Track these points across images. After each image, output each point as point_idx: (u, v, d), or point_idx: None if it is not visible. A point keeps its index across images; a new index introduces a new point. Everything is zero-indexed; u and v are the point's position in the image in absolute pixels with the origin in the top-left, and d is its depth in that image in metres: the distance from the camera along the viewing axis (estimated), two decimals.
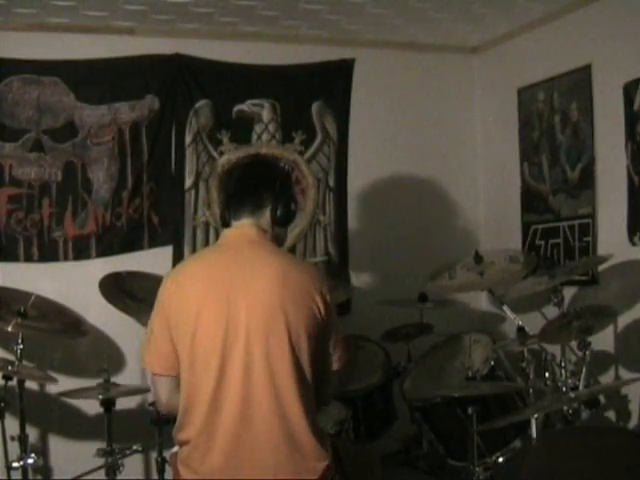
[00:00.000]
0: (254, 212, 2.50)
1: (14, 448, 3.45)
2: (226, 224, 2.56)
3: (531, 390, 3.58)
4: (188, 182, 4.30)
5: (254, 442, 2.33)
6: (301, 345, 2.38)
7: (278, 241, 2.56)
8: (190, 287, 2.40)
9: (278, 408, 2.35)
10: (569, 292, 4.04)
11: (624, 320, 3.83)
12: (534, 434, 3.22)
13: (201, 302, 2.36)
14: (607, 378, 3.92)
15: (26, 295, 3.65)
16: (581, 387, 3.49)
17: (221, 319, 2.34)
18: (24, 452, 3.45)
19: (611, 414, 3.87)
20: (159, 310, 2.43)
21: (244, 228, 2.49)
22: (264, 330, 2.35)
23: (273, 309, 2.36)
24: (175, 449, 2.52)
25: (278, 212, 2.52)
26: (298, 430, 2.36)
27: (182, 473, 2.40)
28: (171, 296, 2.41)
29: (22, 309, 3.49)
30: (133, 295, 3.70)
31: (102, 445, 3.57)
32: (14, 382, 3.45)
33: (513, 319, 3.80)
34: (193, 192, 4.29)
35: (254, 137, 4.41)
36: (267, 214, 2.51)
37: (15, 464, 3.41)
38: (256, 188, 2.52)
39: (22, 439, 3.47)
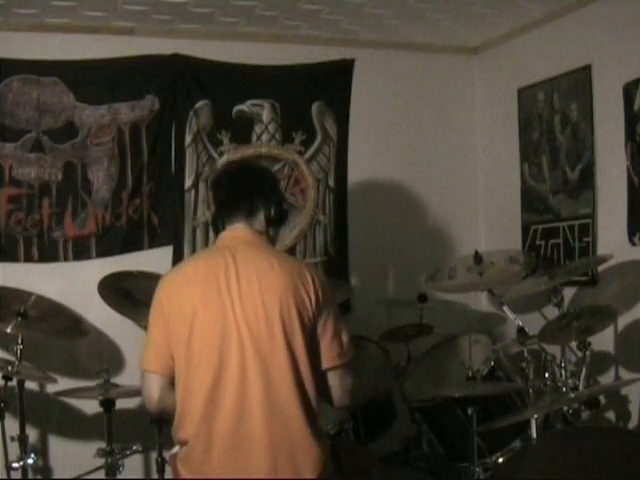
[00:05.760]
0: (248, 217, 2.54)
1: (14, 448, 3.45)
2: (217, 229, 2.60)
3: (531, 390, 3.57)
4: (188, 182, 4.30)
5: (252, 441, 2.34)
6: (296, 342, 2.40)
7: (273, 242, 2.61)
8: (187, 288, 2.43)
9: (275, 406, 2.36)
10: (569, 292, 4.04)
11: (624, 320, 3.83)
12: (534, 434, 3.21)
13: (197, 303, 2.39)
14: (607, 378, 3.92)
15: (26, 295, 3.64)
16: (581, 387, 3.49)
17: (217, 320, 2.37)
18: (24, 452, 3.45)
19: (611, 414, 3.87)
20: (157, 311, 2.46)
21: (238, 230, 2.53)
22: (259, 329, 2.37)
23: (267, 307, 2.38)
24: (174, 450, 2.54)
25: (272, 213, 2.56)
26: (295, 428, 2.37)
27: (182, 472, 2.41)
28: (169, 297, 2.44)
29: (22, 309, 3.49)
30: (132, 296, 3.69)
31: (102, 445, 3.57)
32: (14, 382, 3.46)
33: (513, 319, 3.80)
34: (193, 192, 4.29)
35: (254, 137, 4.41)
36: (261, 217, 2.56)
37: (15, 464, 3.41)
38: (247, 195, 2.56)
39: (22, 439, 3.47)
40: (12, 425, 3.47)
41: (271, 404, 2.35)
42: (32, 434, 3.75)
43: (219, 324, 2.37)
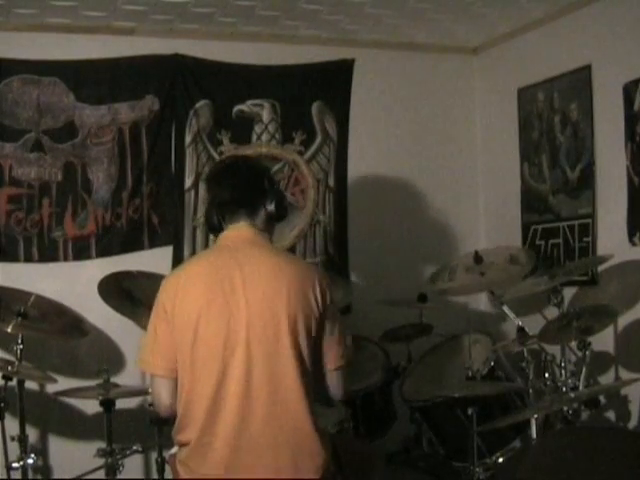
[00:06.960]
0: (250, 214, 2.53)
1: (14, 448, 3.45)
2: (213, 226, 2.58)
3: (531, 390, 3.57)
4: (188, 182, 4.30)
5: (254, 442, 2.33)
6: (301, 343, 2.39)
7: (271, 235, 2.59)
8: (191, 290, 2.41)
9: (278, 408, 2.35)
10: (569, 292, 4.04)
11: (624, 320, 3.83)
12: (534, 434, 3.22)
13: (202, 304, 2.37)
14: (607, 378, 3.92)
15: (26, 295, 3.64)
16: (581, 387, 3.49)
17: (222, 321, 2.36)
18: (24, 452, 3.45)
19: (611, 414, 3.87)
20: (161, 312, 2.44)
21: (241, 229, 2.52)
22: (264, 330, 2.36)
23: (273, 308, 2.37)
24: (174, 450, 2.53)
25: (273, 208, 2.55)
26: (299, 430, 2.37)
27: (182, 473, 2.41)
28: (173, 298, 2.41)
29: (22, 309, 3.49)
30: (132, 296, 3.69)
31: (102, 445, 3.57)
32: (14, 382, 3.45)
33: (513, 319, 3.80)
34: (193, 192, 4.29)
35: (254, 137, 4.41)
36: (262, 214, 2.55)
37: (15, 464, 3.41)
38: (249, 193, 2.55)
39: (22, 439, 3.47)
40: (12, 425, 3.47)
41: (276, 406, 2.35)
42: (32, 434, 3.76)
43: (224, 328, 2.35)
